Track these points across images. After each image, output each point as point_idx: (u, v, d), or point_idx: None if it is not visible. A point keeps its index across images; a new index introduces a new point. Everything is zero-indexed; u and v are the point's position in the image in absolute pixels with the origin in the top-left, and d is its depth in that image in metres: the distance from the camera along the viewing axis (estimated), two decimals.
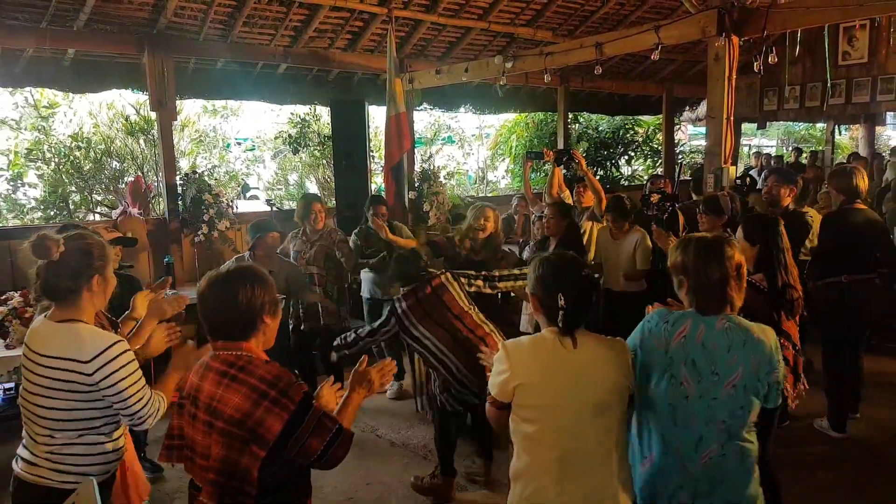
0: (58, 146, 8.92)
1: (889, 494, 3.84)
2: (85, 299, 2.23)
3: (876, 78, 8.58)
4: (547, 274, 2.13)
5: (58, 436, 2.20)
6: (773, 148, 19.79)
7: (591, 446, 2.05)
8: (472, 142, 14.49)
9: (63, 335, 2.17)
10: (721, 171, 5.00)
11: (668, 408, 2.21)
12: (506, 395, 2.11)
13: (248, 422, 1.88)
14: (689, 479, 2.20)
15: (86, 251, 2.24)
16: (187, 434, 2.05)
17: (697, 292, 2.23)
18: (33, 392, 2.20)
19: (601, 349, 2.11)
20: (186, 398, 2.06)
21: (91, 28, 5.86)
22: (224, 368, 1.97)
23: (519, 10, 7.60)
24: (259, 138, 12.37)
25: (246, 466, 1.90)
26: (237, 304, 1.98)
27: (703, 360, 2.17)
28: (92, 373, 2.12)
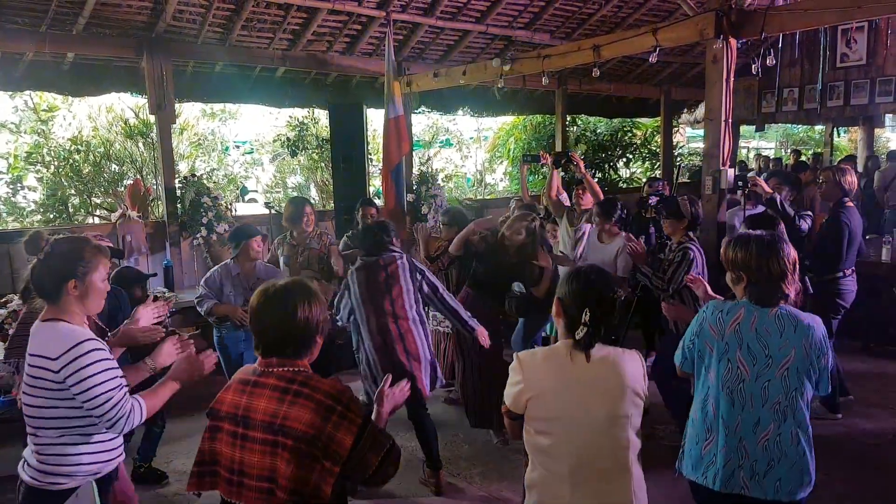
0: (57, 149, 8.94)
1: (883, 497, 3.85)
2: (68, 301, 2.23)
3: (874, 80, 8.59)
4: (579, 288, 2.13)
5: (41, 435, 2.21)
6: (772, 150, 19.82)
7: (606, 457, 2.07)
8: (470, 145, 14.51)
9: (42, 333, 2.20)
10: (719, 174, 5.00)
11: (726, 391, 2.36)
12: (519, 406, 2.13)
13: (321, 438, 1.84)
14: (747, 459, 2.34)
15: (68, 254, 2.24)
16: (228, 456, 1.95)
17: (758, 287, 2.37)
18: (24, 392, 2.23)
19: (614, 361, 2.11)
20: (226, 419, 1.96)
21: (90, 32, 5.87)
22: (283, 385, 1.91)
23: (517, 12, 7.61)
24: (257, 141, 12.38)
25: (317, 484, 1.85)
26: (296, 321, 1.94)
27: (758, 344, 2.33)
28: (58, 370, 2.11)
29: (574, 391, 2.07)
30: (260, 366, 1.99)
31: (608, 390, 2.08)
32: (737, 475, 2.35)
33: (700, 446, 2.44)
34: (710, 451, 2.40)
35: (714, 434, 2.40)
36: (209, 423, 2.02)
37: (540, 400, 2.08)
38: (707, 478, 2.40)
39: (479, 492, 4.05)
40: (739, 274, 2.42)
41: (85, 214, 8.98)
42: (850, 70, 8.81)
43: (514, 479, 4.14)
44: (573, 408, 2.06)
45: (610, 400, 2.07)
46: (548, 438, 2.08)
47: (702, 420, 2.44)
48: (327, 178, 9.58)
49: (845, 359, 5.64)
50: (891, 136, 18.04)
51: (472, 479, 4.18)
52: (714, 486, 2.37)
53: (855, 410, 4.94)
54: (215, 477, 1.98)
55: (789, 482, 2.34)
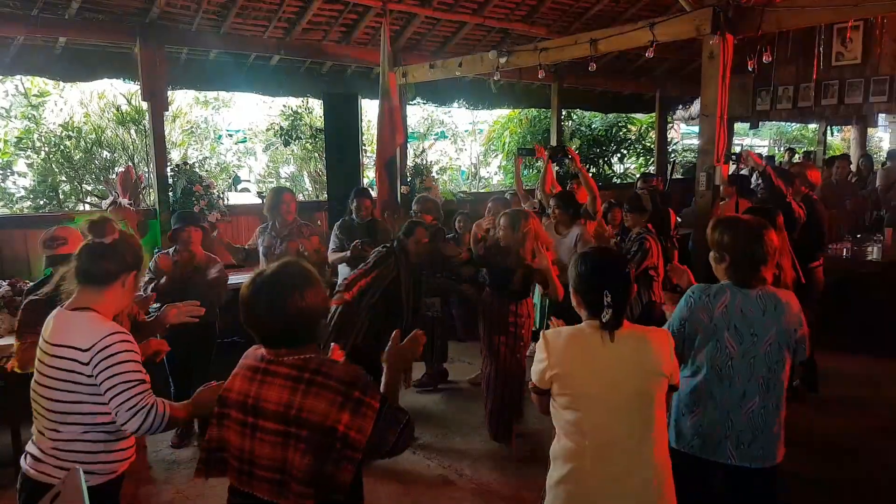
0: (48, 135, 8.86)
1: None
2: (112, 291, 2.19)
3: (869, 79, 8.61)
4: (591, 271, 2.19)
5: (63, 430, 2.11)
6: (766, 148, 19.87)
7: (628, 432, 2.12)
8: (465, 137, 14.47)
9: (70, 323, 2.12)
10: (713, 170, 5.01)
11: (715, 368, 2.52)
12: (543, 383, 2.20)
13: (339, 427, 1.77)
14: (733, 430, 2.51)
15: (134, 247, 2.27)
16: (238, 445, 1.89)
17: (738, 269, 2.53)
18: (42, 384, 2.13)
19: (639, 340, 2.18)
20: (234, 407, 1.90)
21: (83, 17, 5.80)
22: (295, 374, 1.84)
23: (514, 5, 7.57)
24: (251, 130, 12.31)
25: (333, 473, 1.79)
26: (290, 314, 1.84)
27: (743, 324, 2.49)
28: (88, 361, 2.04)
29: (600, 369, 2.12)
30: (268, 353, 1.92)
31: (634, 368, 2.13)
32: (723, 445, 2.52)
33: (686, 418, 2.59)
34: (696, 423, 2.56)
35: (701, 408, 2.55)
36: (217, 409, 1.97)
37: (565, 377, 2.14)
38: (693, 447, 2.57)
39: (470, 484, 4.05)
40: (723, 255, 2.56)
41: (76, 201, 8.92)
42: (844, 69, 8.82)
43: (505, 471, 4.15)
44: (599, 385, 2.11)
45: (635, 377, 2.13)
46: (573, 414, 2.14)
47: (689, 395, 2.58)
48: (321, 168, 9.54)
49: (832, 357, 5.69)
50: (883, 135, 18.11)
51: (463, 472, 4.19)
52: (700, 453, 2.55)
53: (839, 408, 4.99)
54: (223, 464, 1.95)
55: (769, 450, 2.54)
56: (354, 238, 5.21)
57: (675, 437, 2.61)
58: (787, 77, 9.32)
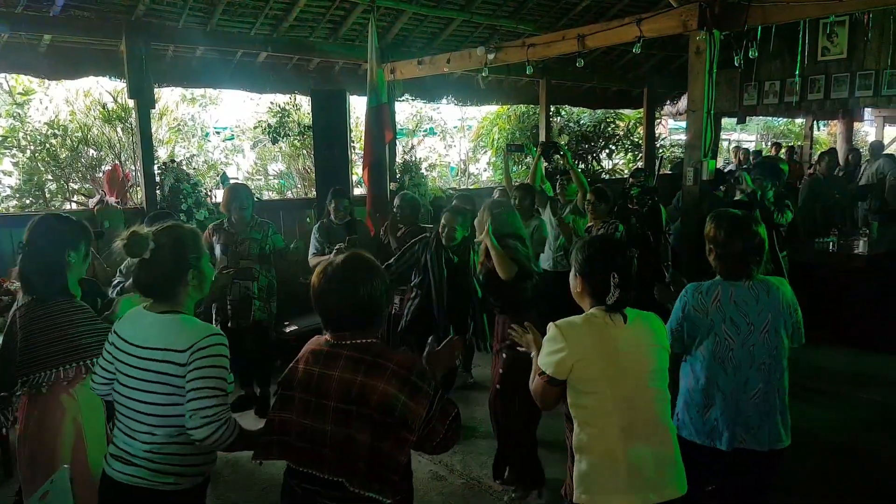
0: (33, 134, 8.77)
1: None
2: (182, 293, 2.16)
3: (854, 74, 8.66)
4: (598, 255, 2.26)
5: (158, 433, 2.09)
6: (753, 143, 19.97)
7: (652, 410, 2.22)
8: (454, 134, 14.45)
9: (164, 326, 2.10)
10: (700, 165, 5.03)
11: (717, 361, 2.63)
12: (563, 372, 2.21)
13: (397, 407, 1.86)
14: (742, 416, 2.62)
15: (177, 246, 2.15)
16: (301, 425, 1.95)
17: (724, 261, 2.65)
18: (132, 386, 2.10)
19: (646, 319, 2.29)
20: (298, 388, 1.98)
21: (67, 14, 5.75)
22: (358, 355, 1.95)
23: (501, 1, 7.58)
24: (238, 127, 12.24)
25: (390, 453, 1.88)
26: (360, 299, 1.97)
27: (738, 315, 2.60)
28: (185, 362, 2.03)
29: (617, 351, 2.19)
30: (332, 338, 2.02)
31: (646, 347, 2.24)
32: (737, 433, 2.63)
33: (701, 414, 2.68)
34: (710, 417, 2.66)
35: (712, 401, 2.66)
36: (280, 392, 2.04)
37: (585, 363, 2.18)
38: (714, 441, 2.66)
39: (460, 479, 4.06)
40: (710, 247, 2.70)
41: (62, 200, 8.85)
42: (830, 64, 8.87)
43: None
44: (618, 367, 2.19)
45: (649, 356, 2.24)
46: (595, 399, 2.19)
47: (699, 390, 2.68)
48: (309, 165, 9.51)
49: (820, 351, 5.75)
50: (869, 129, 18.23)
51: (454, 467, 4.20)
52: (721, 445, 2.64)
53: (828, 402, 5.03)
54: (284, 446, 1.98)
55: (778, 432, 2.64)
56: (334, 240, 5.16)
57: (687, 430, 2.72)
58: (774, 72, 9.36)
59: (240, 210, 4.86)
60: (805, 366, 5.45)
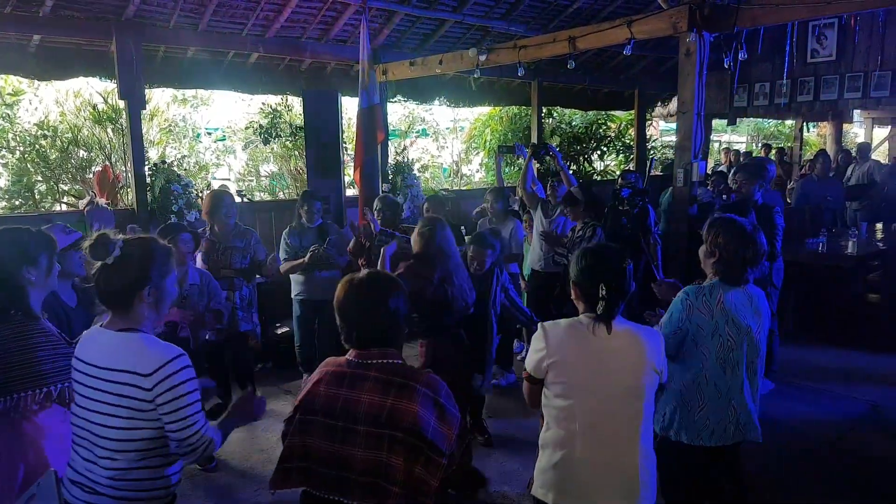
0: (23, 135, 8.73)
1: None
2: (138, 308, 2.03)
3: (843, 75, 8.72)
4: (591, 265, 2.28)
5: (119, 458, 1.97)
6: (743, 144, 20.07)
7: (619, 424, 2.22)
8: (446, 135, 14.47)
9: (122, 346, 1.98)
10: (690, 167, 5.05)
11: (719, 362, 2.70)
12: (539, 371, 2.25)
13: (429, 430, 1.83)
14: (734, 415, 2.73)
15: (143, 258, 2.03)
16: (326, 451, 1.89)
17: (729, 267, 2.70)
18: (90, 409, 1.99)
19: (634, 336, 2.26)
20: (321, 412, 1.91)
21: (57, 14, 5.73)
22: (386, 377, 1.90)
23: (493, 3, 7.59)
24: (230, 128, 12.21)
25: (422, 477, 1.83)
26: (390, 312, 1.96)
27: (738, 317, 2.69)
28: (151, 387, 1.91)
29: (594, 360, 2.21)
30: (355, 357, 1.97)
31: (628, 362, 2.22)
32: (728, 430, 2.74)
33: (693, 414, 2.74)
34: (702, 416, 2.73)
35: (705, 401, 2.73)
36: (300, 417, 1.96)
37: (560, 366, 2.21)
38: (703, 438, 2.74)
39: None
40: (714, 251, 2.73)
41: (52, 201, 8.81)
42: (819, 66, 8.93)
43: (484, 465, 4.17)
44: (592, 375, 2.20)
45: (628, 371, 2.22)
46: (565, 401, 2.21)
47: (695, 391, 2.74)
48: (301, 166, 9.50)
49: (808, 350, 5.79)
50: (859, 131, 18.35)
51: None
52: (708, 443, 2.73)
53: (818, 399, 5.06)
54: (305, 473, 1.92)
55: (755, 426, 2.78)
56: (306, 243, 5.08)
57: (675, 431, 2.78)
58: (763, 74, 9.42)
59: (225, 218, 4.68)
60: (795, 364, 5.49)
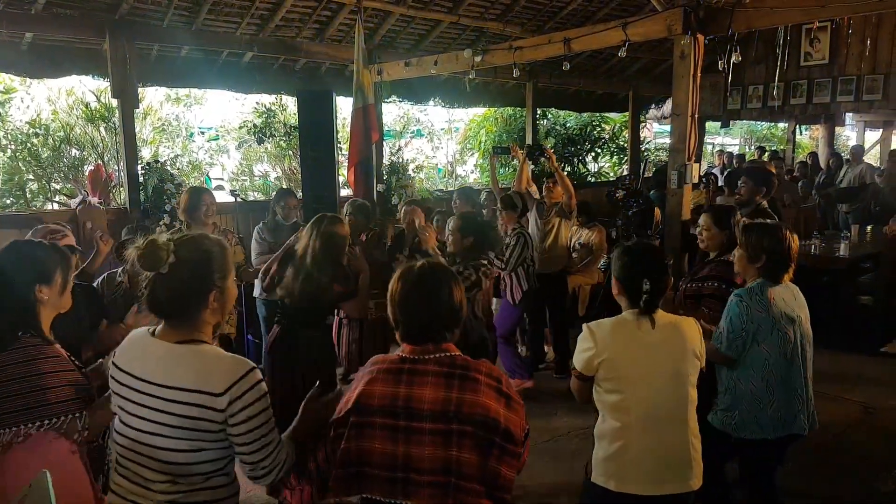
0: (14, 133, 8.68)
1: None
2: (202, 318, 1.85)
3: (836, 79, 8.77)
4: (635, 262, 2.40)
5: (182, 482, 1.78)
6: (737, 147, 20.15)
7: (670, 409, 2.34)
8: (441, 136, 14.47)
9: (186, 361, 1.77)
10: (684, 168, 5.06)
11: (782, 355, 2.83)
12: (590, 370, 2.37)
13: (500, 421, 1.76)
14: (802, 404, 2.89)
15: (202, 262, 1.83)
16: (388, 453, 1.79)
17: (776, 267, 2.86)
18: (143, 430, 1.78)
19: (676, 327, 2.40)
20: (378, 413, 1.80)
21: (50, 12, 5.69)
22: (445, 370, 1.82)
23: (488, 3, 7.59)
24: (223, 128, 12.17)
25: (495, 469, 1.75)
26: (451, 304, 1.89)
27: (789, 311, 2.86)
28: (224, 407, 1.71)
29: (642, 353, 2.33)
30: (410, 353, 1.88)
31: (673, 351, 2.36)
32: (799, 419, 2.88)
33: (766, 411, 2.85)
34: (775, 411, 2.85)
35: (775, 395, 2.85)
36: (354, 419, 1.83)
37: (611, 362, 2.32)
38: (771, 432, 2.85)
39: None
40: (760, 255, 2.86)
41: (44, 200, 8.76)
42: (812, 69, 8.98)
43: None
44: (641, 368, 2.32)
45: (674, 360, 2.35)
46: (618, 395, 2.33)
47: (763, 388, 2.85)
48: (295, 166, 9.47)
49: None
50: (851, 134, 18.45)
51: None
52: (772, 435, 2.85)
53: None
54: (366, 479, 1.81)
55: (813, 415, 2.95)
56: (280, 240, 4.91)
57: (751, 430, 2.88)
58: (757, 77, 9.46)
59: (204, 217, 4.44)
60: None
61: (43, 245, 2.38)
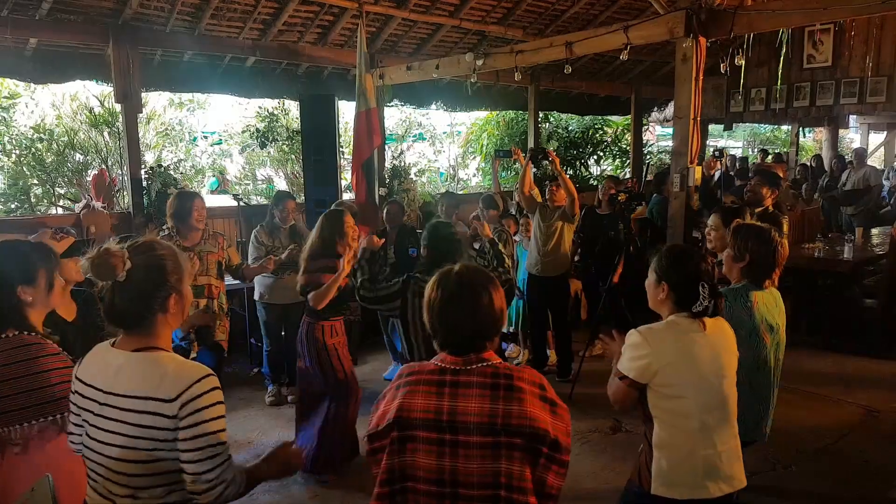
0: (19, 138, 8.72)
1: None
2: (160, 323, 1.81)
3: (839, 81, 8.75)
4: (689, 266, 2.34)
5: (143, 496, 1.73)
6: (740, 149, 20.12)
7: (725, 411, 2.36)
8: (443, 139, 14.48)
9: (141, 368, 1.73)
10: (687, 171, 5.06)
11: (756, 360, 2.83)
12: (646, 377, 2.29)
13: (549, 430, 1.71)
14: (766, 412, 2.92)
15: (157, 266, 1.80)
16: (434, 468, 1.74)
17: (760, 270, 2.86)
18: (105, 441, 1.73)
19: (721, 326, 2.40)
20: (421, 427, 1.74)
21: (54, 17, 5.72)
22: (489, 381, 1.76)
23: (490, 7, 7.60)
24: (226, 132, 12.22)
25: (543, 479, 1.72)
26: (493, 311, 1.81)
27: (769, 317, 2.85)
28: (174, 414, 1.67)
29: (699, 357, 2.30)
30: (452, 363, 1.81)
31: (724, 351, 2.37)
32: (759, 426, 2.91)
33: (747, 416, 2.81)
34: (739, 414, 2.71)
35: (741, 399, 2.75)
36: (396, 434, 1.78)
37: (672, 368, 2.28)
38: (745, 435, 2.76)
39: None
40: (744, 255, 2.86)
41: (48, 205, 8.79)
42: (815, 71, 8.97)
43: None
44: (701, 371, 2.30)
45: (724, 360, 2.36)
46: (680, 401, 2.30)
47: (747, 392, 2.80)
48: (298, 170, 9.49)
49: (805, 355, 5.78)
50: (854, 136, 18.41)
51: None
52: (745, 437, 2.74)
53: (814, 405, 5.06)
54: (409, 494, 1.77)
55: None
56: (279, 243, 5.06)
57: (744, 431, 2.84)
58: (760, 79, 9.45)
59: (195, 223, 4.35)
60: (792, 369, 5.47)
61: (28, 243, 2.30)
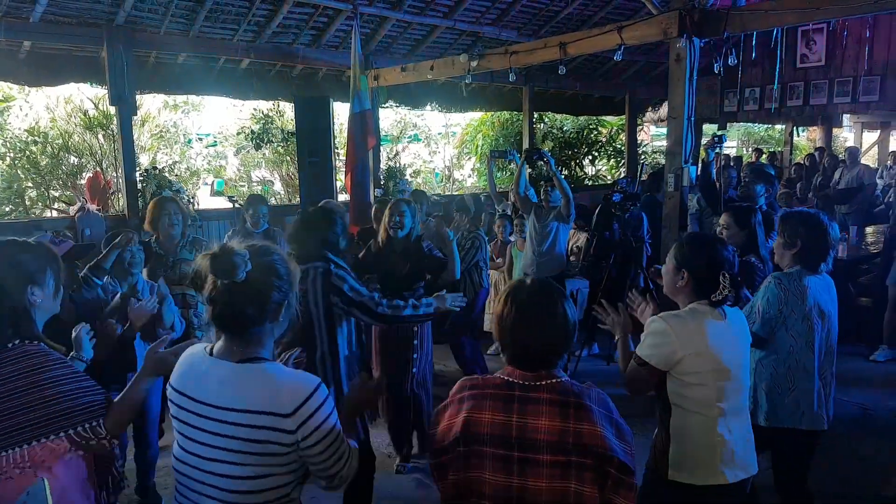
0: (13, 140, 8.71)
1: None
2: (267, 332, 1.71)
3: (833, 80, 8.80)
4: (713, 255, 2.34)
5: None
6: (734, 149, 20.18)
7: (743, 397, 2.39)
8: (438, 140, 14.49)
9: (250, 381, 1.64)
10: (681, 171, 5.07)
11: (808, 343, 2.85)
12: (668, 364, 2.29)
13: (617, 453, 1.66)
14: (825, 399, 2.90)
15: (276, 271, 1.70)
16: (502, 485, 1.70)
17: (813, 255, 2.89)
18: (205, 456, 1.65)
19: (737, 315, 2.42)
20: (488, 442, 1.70)
21: (48, 20, 5.71)
22: (558, 398, 1.71)
23: (484, 8, 7.62)
24: (221, 134, 12.21)
25: (610, 500, 1.67)
26: (568, 325, 1.74)
27: (822, 302, 2.88)
28: (295, 429, 1.60)
29: (721, 345, 2.30)
30: (521, 378, 1.75)
31: (741, 338, 2.40)
32: (820, 413, 2.88)
33: (784, 397, 2.87)
34: (794, 399, 2.86)
35: (797, 383, 2.86)
36: (462, 448, 1.73)
37: (695, 357, 2.27)
38: (802, 422, 2.86)
39: None
40: (796, 241, 2.90)
41: (42, 207, 8.78)
42: (809, 71, 9.01)
43: None
44: (724, 359, 2.30)
45: (742, 349, 2.39)
46: (701, 389, 2.29)
47: (784, 374, 2.87)
48: (293, 171, 9.50)
49: None
50: (848, 135, 18.49)
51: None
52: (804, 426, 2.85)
53: None
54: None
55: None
56: None
57: (783, 416, 2.88)
58: (754, 79, 9.48)
59: (170, 228, 4.14)
60: None
61: (31, 245, 2.10)
